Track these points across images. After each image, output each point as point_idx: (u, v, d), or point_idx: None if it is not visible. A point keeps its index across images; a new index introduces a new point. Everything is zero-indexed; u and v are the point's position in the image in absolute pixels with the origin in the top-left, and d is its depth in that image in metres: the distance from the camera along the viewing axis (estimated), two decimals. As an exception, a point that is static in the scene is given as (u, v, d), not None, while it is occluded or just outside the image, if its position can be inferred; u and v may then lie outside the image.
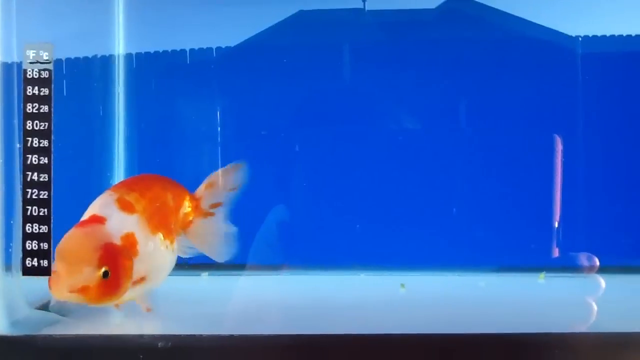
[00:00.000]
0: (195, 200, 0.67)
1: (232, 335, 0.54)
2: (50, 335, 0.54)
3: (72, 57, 0.84)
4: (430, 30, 0.89)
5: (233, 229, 0.68)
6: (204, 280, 0.84)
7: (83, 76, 0.87)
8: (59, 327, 0.57)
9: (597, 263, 0.80)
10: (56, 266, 0.52)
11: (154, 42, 0.90)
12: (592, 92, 0.87)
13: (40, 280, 0.54)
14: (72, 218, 0.58)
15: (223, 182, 0.68)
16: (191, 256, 0.68)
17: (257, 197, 0.77)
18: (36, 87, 0.51)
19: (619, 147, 0.88)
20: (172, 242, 0.63)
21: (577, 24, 0.87)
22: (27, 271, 0.53)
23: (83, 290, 0.51)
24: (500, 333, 0.55)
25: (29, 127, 0.51)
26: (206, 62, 0.90)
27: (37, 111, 0.51)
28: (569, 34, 0.88)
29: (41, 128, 0.51)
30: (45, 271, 0.52)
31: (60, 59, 0.77)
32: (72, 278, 0.51)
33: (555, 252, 0.85)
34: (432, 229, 0.87)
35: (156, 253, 0.60)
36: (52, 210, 0.52)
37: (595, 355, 0.55)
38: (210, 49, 0.90)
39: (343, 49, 0.90)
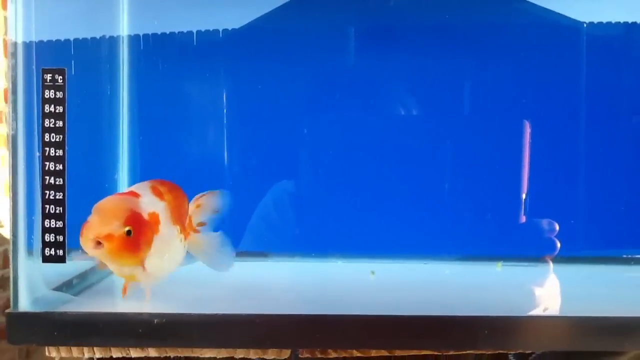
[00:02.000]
0: (189, 216, 0.73)
1: (216, 314, 0.63)
2: (64, 312, 0.63)
3: (80, 37, 0.85)
4: (435, 14, 0.91)
5: (220, 241, 0.73)
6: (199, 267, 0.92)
7: (90, 57, 0.89)
8: (72, 305, 0.67)
9: (555, 252, 0.87)
10: (89, 218, 0.59)
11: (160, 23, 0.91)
12: (566, 78, 0.91)
13: (56, 267, 0.64)
14: (83, 210, 0.67)
15: (206, 204, 0.73)
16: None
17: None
18: (52, 105, 0.61)
19: (583, 138, 0.90)
20: (185, 239, 0.70)
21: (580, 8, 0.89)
22: (45, 259, 0.63)
23: (108, 237, 0.58)
24: (459, 315, 0.63)
25: (47, 139, 0.61)
26: (213, 43, 0.92)
27: (53, 125, 0.61)
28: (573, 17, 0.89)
29: (56, 140, 0.61)
30: (61, 259, 0.62)
31: (69, 39, 0.81)
32: (100, 227, 0.58)
33: (514, 243, 0.91)
34: (402, 220, 0.92)
35: (172, 241, 0.67)
36: (66, 209, 0.62)
37: (546, 335, 0.64)
38: (216, 30, 0.92)
39: (349, 32, 0.91)
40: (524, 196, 0.90)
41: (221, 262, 0.73)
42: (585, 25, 0.90)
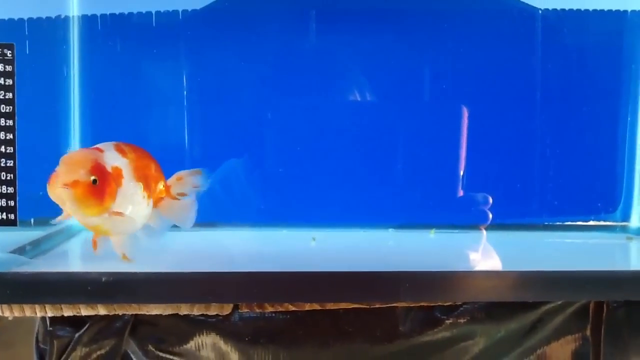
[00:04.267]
0: (167, 186, 0.77)
1: (160, 272, 0.68)
2: (17, 272, 0.67)
3: (35, 17, 0.87)
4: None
5: (195, 203, 0.78)
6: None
7: (44, 37, 0.90)
8: (26, 267, 0.70)
9: (484, 221, 0.95)
10: (56, 169, 0.62)
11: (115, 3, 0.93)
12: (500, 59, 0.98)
13: (11, 233, 0.68)
14: (34, 177, 0.71)
15: (189, 180, 0.78)
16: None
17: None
18: (2, 78, 0.65)
19: (515, 110, 0.98)
20: (149, 197, 0.72)
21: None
22: (-2, 222, 0.67)
23: (74, 184, 0.61)
24: (381, 271, 0.69)
25: (-3, 110, 0.65)
26: (172, 25, 0.93)
27: (2, 97, 0.65)
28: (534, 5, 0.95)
29: (7, 111, 0.65)
30: (12, 222, 0.67)
31: (22, 19, 0.84)
32: (67, 175, 0.61)
33: (447, 212, 0.99)
34: (344, 191, 0.98)
35: (135, 196, 0.69)
36: (17, 175, 0.66)
37: (461, 288, 0.70)
38: (176, 11, 0.93)
39: (312, 13, 0.94)
40: (460, 169, 0.97)
41: (187, 220, 0.78)
42: (540, 11, 0.97)
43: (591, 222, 0.99)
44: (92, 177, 0.63)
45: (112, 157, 0.67)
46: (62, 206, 0.64)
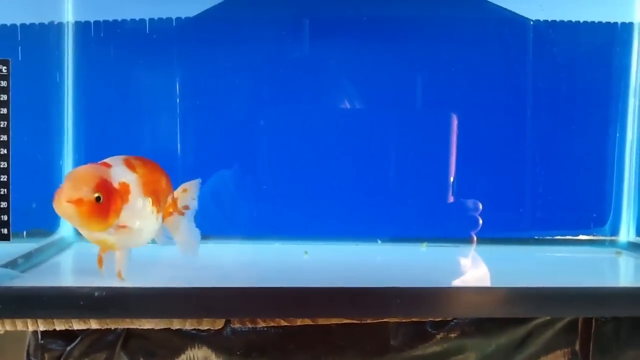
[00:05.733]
0: (174, 198, 0.77)
1: (153, 287, 0.68)
2: (9, 287, 0.67)
3: (28, 22, 0.87)
4: (392, 6, 0.97)
5: (197, 231, 0.78)
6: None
7: (38, 43, 0.90)
8: (18, 280, 0.71)
9: (475, 235, 0.96)
10: (62, 185, 0.62)
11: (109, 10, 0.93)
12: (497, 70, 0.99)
13: (2, 245, 0.69)
14: (26, 188, 0.71)
15: (191, 190, 0.79)
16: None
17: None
18: (-4, 93, 0.65)
19: (508, 130, 0.99)
20: (158, 212, 0.72)
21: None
22: (-10, 237, 0.67)
23: (78, 202, 0.61)
24: (373, 287, 0.68)
25: (-9, 125, 0.65)
26: (165, 31, 0.94)
27: (-3, 111, 0.65)
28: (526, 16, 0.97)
29: (2, 126, 0.65)
30: (5, 237, 0.67)
31: (15, 25, 0.84)
32: (72, 191, 0.61)
33: (439, 226, 1.00)
34: (336, 205, 0.98)
35: (143, 211, 0.69)
36: (10, 190, 0.66)
37: (451, 304, 0.71)
38: (169, 19, 0.94)
39: (304, 22, 0.95)
40: (450, 182, 0.98)
41: (189, 248, 0.78)
42: (532, 22, 0.97)
43: (581, 237, 1.00)
44: (96, 195, 0.63)
45: (120, 173, 0.67)
46: (67, 220, 0.64)
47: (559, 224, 1.01)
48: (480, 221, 0.95)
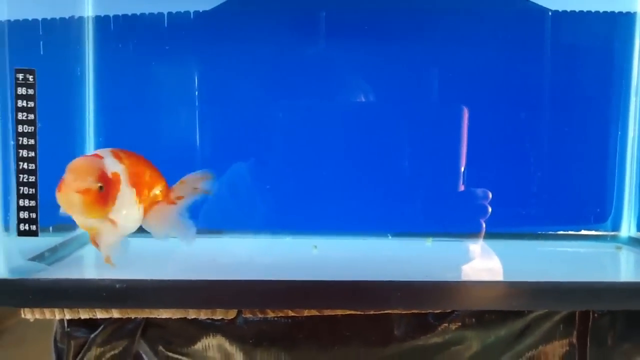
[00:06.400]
0: (168, 190, 0.79)
1: (170, 280, 0.72)
2: (37, 279, 0.72)
3: (49, 17, 0.88)
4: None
5: (188, 222, 0.78)
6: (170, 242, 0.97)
7: (59, 38, 0.91)
8: (44, 273, 0.76)
9: (480, 230, 0.97)
10: (65, 177, 0.66)
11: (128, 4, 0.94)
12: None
13: (30, 240, 0.74)
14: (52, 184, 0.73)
15: (192, 181, 0.79)
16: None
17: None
18: (25, 100, 0.70)
19: (508, 122, 1.00)
20: (139, 203, 0.74)
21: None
22: (20, 233, 0.72)
23: (85, 192, 0.65)
24: (375, 280, 0.72)
25: (20, 130, 0.70)
26: (184, 26, 0.95)
27: (25, 118, 0.70)
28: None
29: (29, 131, 0.70)
30: (34, 233, 0.72)
31: (37, 19, 0.85)
32: (78, 182, 0.65)
33: (445, 221, 1.02)
34: (346, 201, 1.00)
35: (130, 201, 0.72)
36: (38, 189, 0.72)
37: (449, 298, 0.74)
38: (187, 12, 0.95)
39: (320, 15, 0.96)
40: (460, 177, 1.00)
41: (184, 234, 0.78)
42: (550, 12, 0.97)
43: (583, 232, 1.03)
44: (99, 185, 0.67)
45: (111, 164, 0.71)
46: (68, 210, 0.68)
47: (561, 220, 1.03)
48: (489, 213, 0.97)
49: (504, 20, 1.00)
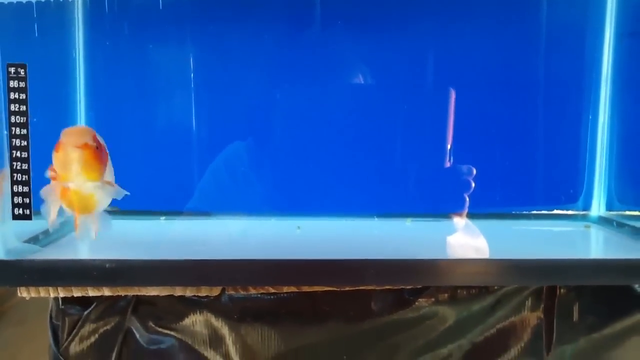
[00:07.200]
0: None
1: (157, 260, 0.77)
2: (32, 259, 0.76)
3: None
4: None
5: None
6: (161, 223, 1.03)
7: (52, 19, 0.93)
8: (38, 254, 0.80)
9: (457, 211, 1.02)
10: (61, 139, 0.70)
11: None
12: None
13: (24, 224, 0.78)
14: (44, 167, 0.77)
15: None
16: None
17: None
18: (17, 93, 0.74)
19: (480, 103, 1.02)
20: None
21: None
22: (15, 217, 0.76)
23: (84, 146, 0.69)
24: (349, 258, 0.77)
25: (13, 120, 0.74)
26: (179, 6, 0.96)
27: (17, 109, 0.74)
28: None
29: (21, 121, 0.74)
30: (28, 217, 0.77)
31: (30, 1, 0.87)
32: (77, 138, 0.69)
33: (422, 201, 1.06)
34: (329, 182, 1.03)
35: (111, 170, 0.77)
36: (31, 176, 0.76)
37: (419, 274, 0.79)
38: None
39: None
40: (444, 158, 1.03)
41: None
42: None
43: (555, 211, 1.07)
44: (95, 144, 0.72)
45: (97, 136, 0.74)
46: (65, 170, 0.70)
47: (535, 200, 1.07)
48: (473, 184, 1.01)
49: (478, 7, 1.02)
